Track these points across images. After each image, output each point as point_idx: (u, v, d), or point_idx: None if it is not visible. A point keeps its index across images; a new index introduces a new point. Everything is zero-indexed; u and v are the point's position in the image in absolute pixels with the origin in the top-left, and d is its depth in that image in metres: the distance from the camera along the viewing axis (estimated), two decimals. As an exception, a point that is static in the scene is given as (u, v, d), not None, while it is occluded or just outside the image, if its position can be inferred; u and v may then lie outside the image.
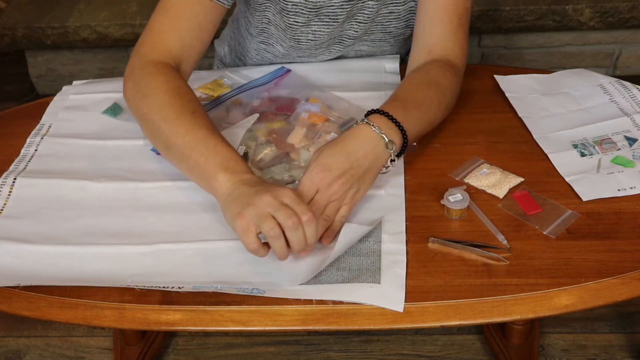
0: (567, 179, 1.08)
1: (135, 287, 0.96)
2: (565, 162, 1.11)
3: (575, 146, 1.13)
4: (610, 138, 1.14)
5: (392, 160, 1.04)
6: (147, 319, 0.95)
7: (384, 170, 1.05)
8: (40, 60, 2.63)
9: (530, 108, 1.22)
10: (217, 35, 1.43)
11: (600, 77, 1.28)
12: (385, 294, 0.93)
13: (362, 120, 1.05)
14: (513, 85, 1.27)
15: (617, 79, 1.28)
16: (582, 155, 1.12)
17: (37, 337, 1.84)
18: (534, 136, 1.16)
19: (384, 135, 1.03)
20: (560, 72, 1.30)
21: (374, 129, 1.03)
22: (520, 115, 1.20)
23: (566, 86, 1.27)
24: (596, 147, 1.13)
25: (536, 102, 1.23)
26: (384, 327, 0.92)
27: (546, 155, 1.13)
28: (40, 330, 1.86)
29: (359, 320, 0.93)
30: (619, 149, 1.12)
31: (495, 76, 1.30)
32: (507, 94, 1.24)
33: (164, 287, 0.96)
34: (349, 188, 1.01)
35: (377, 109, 1.06)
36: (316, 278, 0.97)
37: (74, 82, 1.41)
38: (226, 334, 1.79)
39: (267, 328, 0.93)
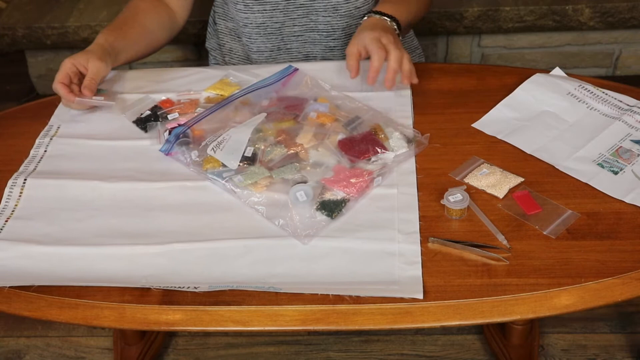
0: (626, 200, 1.05)
1: (151, 287, 0.96)
2: (609, 185, 1.08)
3: (601, 165, 1.11)
4: (622, 147, 1.13)
5: (398, 34, 1.31)
6: (147, 319, 0.95)
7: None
8: (40, 60, 2.63)
9: (529, 140, 1.17)
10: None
11: (563, 83, 1.26)
12: (401, 291, 0.94)
13: (366, 15, 1.32)
14: (494, 125, 1.21)
15: (576, 80, 1.26)
16: (615, 173, 1.10)
17: (37, 337, 1.84)
18: (558, 167, 1.12)
19: (384, 17, 1.31)
20: (521, 86, 1.26)
21: (375, 15, 1.31)
22: (529, 152, 1.15)
23: (540, 104, 1.24)
24: (619, 160, 1.12)
25: (526, 131, 1.19)
26: (384, 327, 0.93)
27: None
28: (40, 330, 1.86)
29: (359, 320, 0.93)
30: (639, 155, 1.12)
31: (473, 125, 1.22)
32: (498, 137, 1.19)
33: (179, 287, 0.96)
34: (396, 42, 1.24)
35: (374, 10, 1.33)
36: (334, 277, 0.97)
37: None
38: (226, 334, 1.79)
39: (267, 328, 0.93)
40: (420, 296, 0.93)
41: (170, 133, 1.20)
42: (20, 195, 1.13)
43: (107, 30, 1.39)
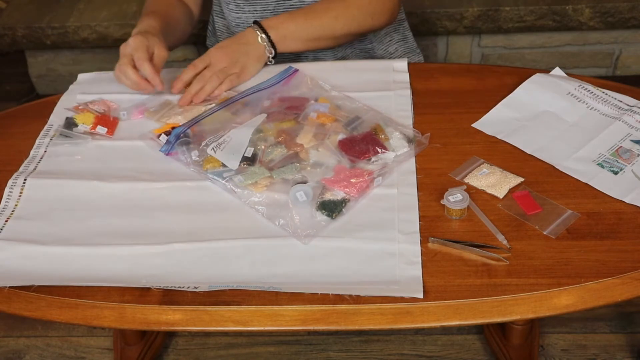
0: (626, 200, 1.05)
1: (151, 287, 0.96)
2: (609, 185, 1.08)
3: (601, 165, 1.11)
4: (622, 147, 1.13)
5: (270, 53, 1.34)
6: (147, 319, 0.95)
7: (269, 61, 1.36)
8: (40, 60, 2.63)
9: (529, 140, 1.17)
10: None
11: (563, 83, 1.26)
12: (401, 290, 0.94)
13: (250, 26, 1.34)
14: (494, 125, 1.21)
15: (576, 80, 1.26)
16: (615, 173, 1.09)
17: (37, 337, 1.84)
18: (558, 167, 1.11)
19: (258, 32, 1.33)
20: (521, 86, 1.26)
21: (253, 26, 1.34)
22: (529, 152, 1.15)
23: (540, 104, 1.24)
24: (619, 160, 1.11)
25: (526, 131, 1.19)
26: (384, 327, 0.93)
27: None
28: (40, 330, 1.86)
29: (359, 320, 0.93)
30: (639, 155, 1.12)
31: (473, 125, 1.21)
32: (498, 137, 1.18)
33: (179, 287, 0.96)
34: (235, 61, 1.32)
35: (256, 20, 1.35)
36: (334, 277, 0.97)
37: (80, 76, 1.41)
38: (226, 334, 1.79)
39: (267, 328, 0.93)
40: (421, 295, 0.93)
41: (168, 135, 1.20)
42: (20, 195, 1.13)
43: (153, 16, 1.40)
